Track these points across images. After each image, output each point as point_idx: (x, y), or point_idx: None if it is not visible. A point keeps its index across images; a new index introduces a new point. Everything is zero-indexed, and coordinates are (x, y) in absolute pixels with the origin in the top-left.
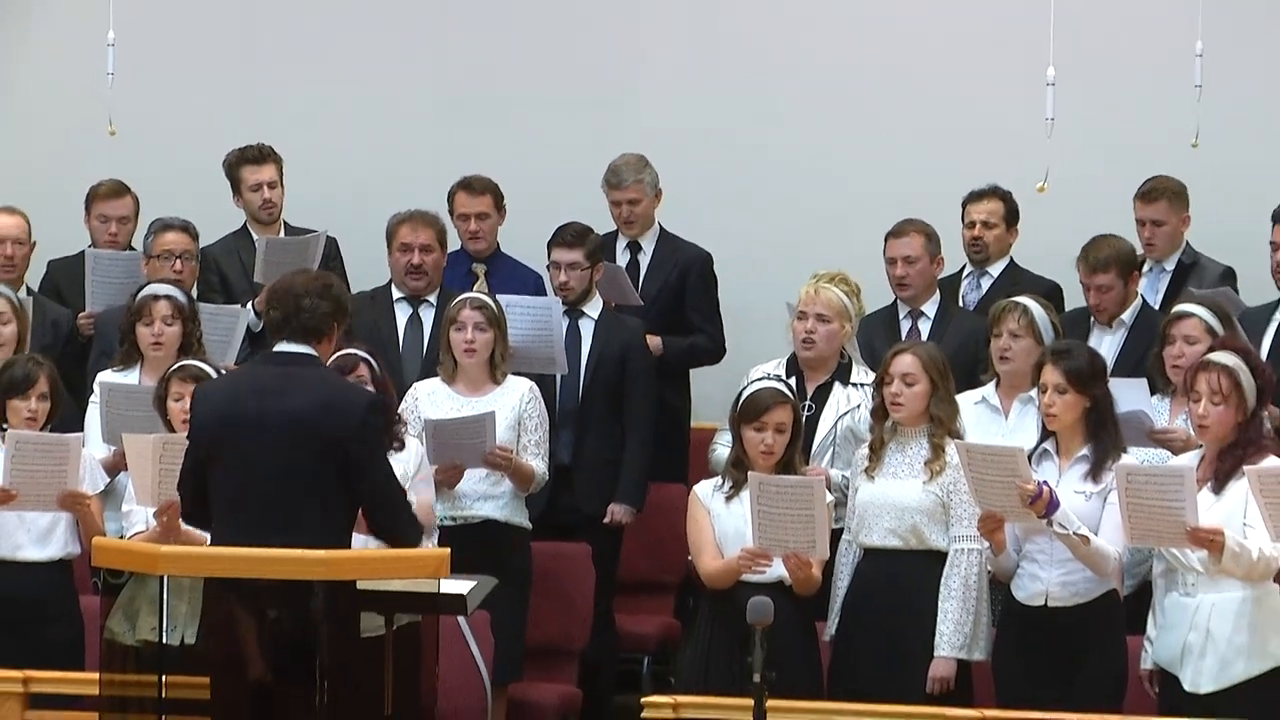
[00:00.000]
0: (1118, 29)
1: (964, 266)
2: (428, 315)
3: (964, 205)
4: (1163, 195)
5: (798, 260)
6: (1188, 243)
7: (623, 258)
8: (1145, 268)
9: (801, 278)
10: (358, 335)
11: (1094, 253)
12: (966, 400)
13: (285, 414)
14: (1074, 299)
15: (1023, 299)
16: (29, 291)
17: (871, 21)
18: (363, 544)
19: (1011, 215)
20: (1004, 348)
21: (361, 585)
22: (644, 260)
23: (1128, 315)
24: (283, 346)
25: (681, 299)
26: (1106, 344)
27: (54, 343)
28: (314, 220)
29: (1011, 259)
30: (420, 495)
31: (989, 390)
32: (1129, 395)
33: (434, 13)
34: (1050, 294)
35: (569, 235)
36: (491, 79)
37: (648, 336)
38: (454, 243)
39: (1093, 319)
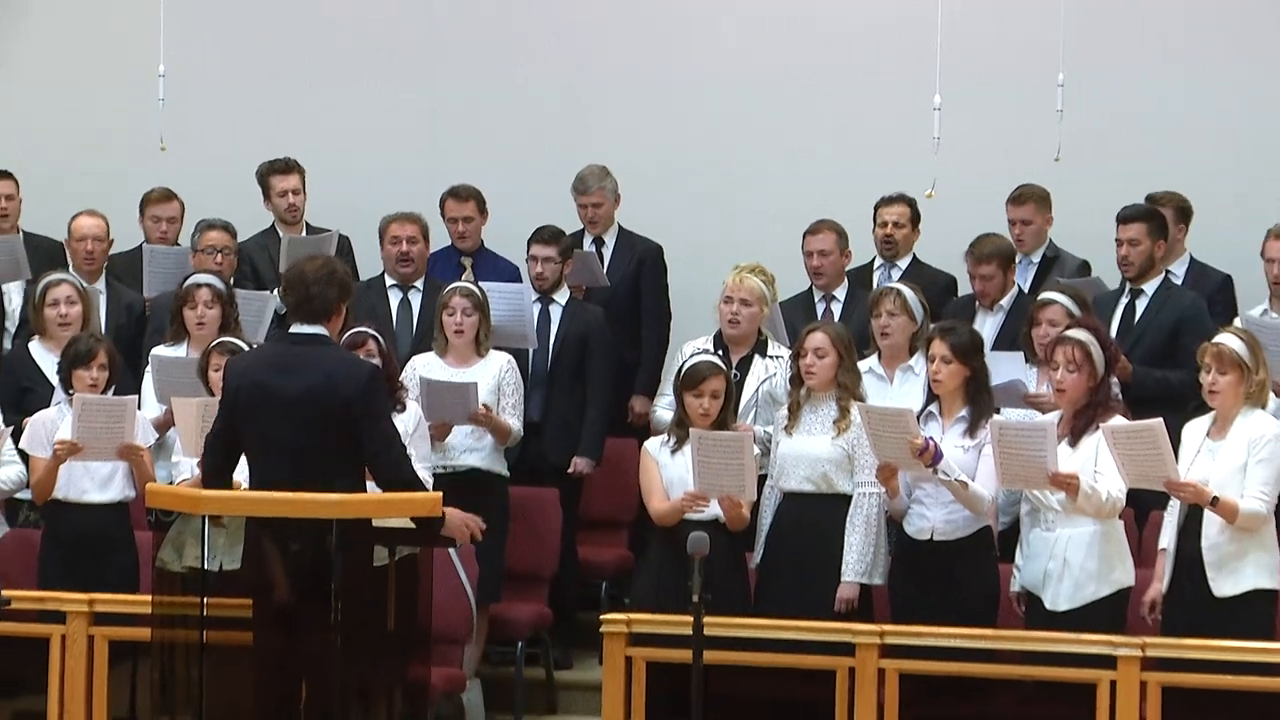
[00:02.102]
0: (993, 63)
1: (874, 259)
2: (415, 299)
3: (876, 209)
4: (1030, 199)
5: (732, 253)
6: (1051, 239)
7: (587, 250)
8: (1016, 259)
9: (728, 268)
10: (359, 317)
11: (979, 248)
12: (860, 369)
13: (302, 385)
14: (966, 288)
15: (895, 284)
16: (107, 281)
17: (795, 59)
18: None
19: (915, 218)
20: (884, 325)
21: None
22: (606, 253)
23: (1006, 301)
24: (297, 328)
25: (638, 284)
26: (989, 325)
27: (127, 322)
28: (330, 221)
29: (915, 255)
30: (419, 449)
31: (874, 361)
32: (1009, 367)
33: (426, 49)
34: (948, 285)
35: (546, 235)
36: (474, 105)
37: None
38: (444, 240)
39: (978, 303)
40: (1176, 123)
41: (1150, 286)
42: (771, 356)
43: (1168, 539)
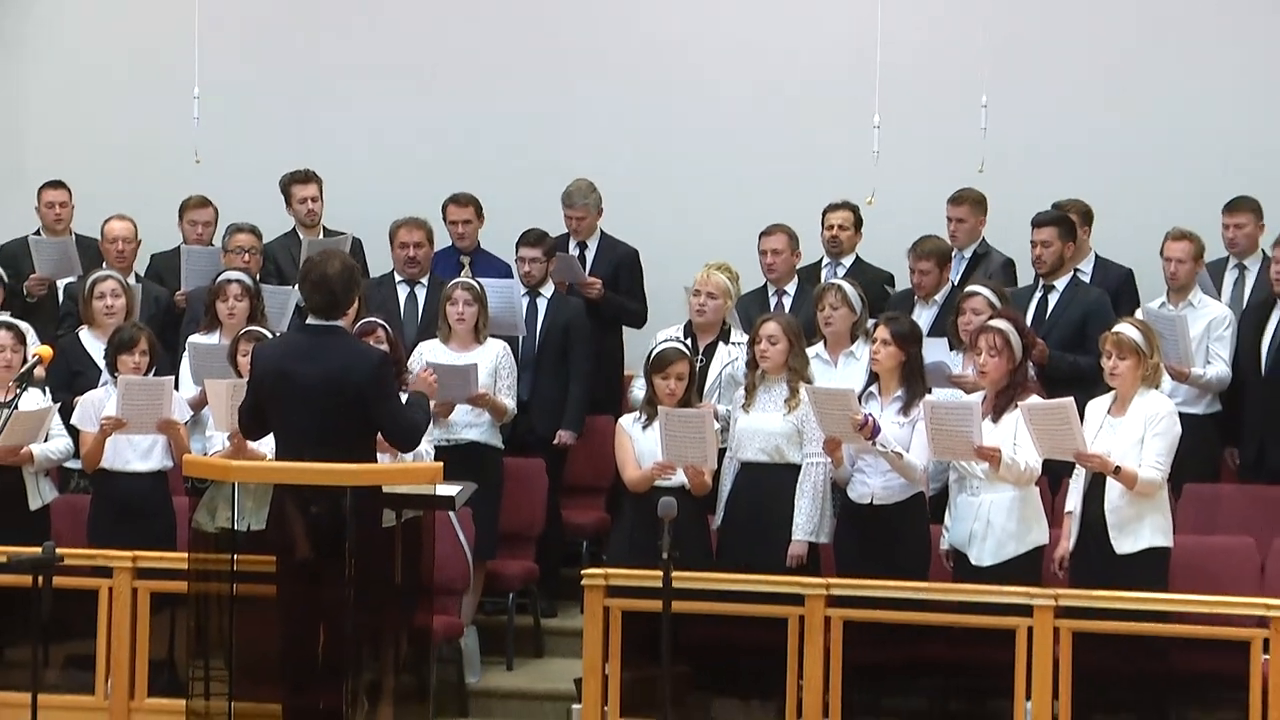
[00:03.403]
0: (924, 88)
1: (821, 258)
2: (421, 294)
3: (823, 214)
4: (966, 201)
5: (698, 251)
6: (984, 238)
7: (573, 253)
8: (952, 258)
9: (698, 266)
10: (371, 309)
11: (920, 246)
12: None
13: (320, 372)
14: (903, 284)
15: (836, 280)
16: (137, 278)
17: (754, 86)
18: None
19: (858, 222)
20: (827, 316)
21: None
22: (589, 256)
23: (940, 295)
24: (315, 320)
25: (617, 284)
26: (925, 316)
27: (157, 313)
28: (345, 225)
29: (858, 255)
30: None
31: (820, 348)
32: (934, 351)
33: (430, 76)
34: (887, 281)
35: (531, 238)
36: (471, 124)
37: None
38: (445, 241)
39: (916, 296)
40: (1084, 138)
41: (1061, 283)
42: (734, 343)
43: (1074, 503)
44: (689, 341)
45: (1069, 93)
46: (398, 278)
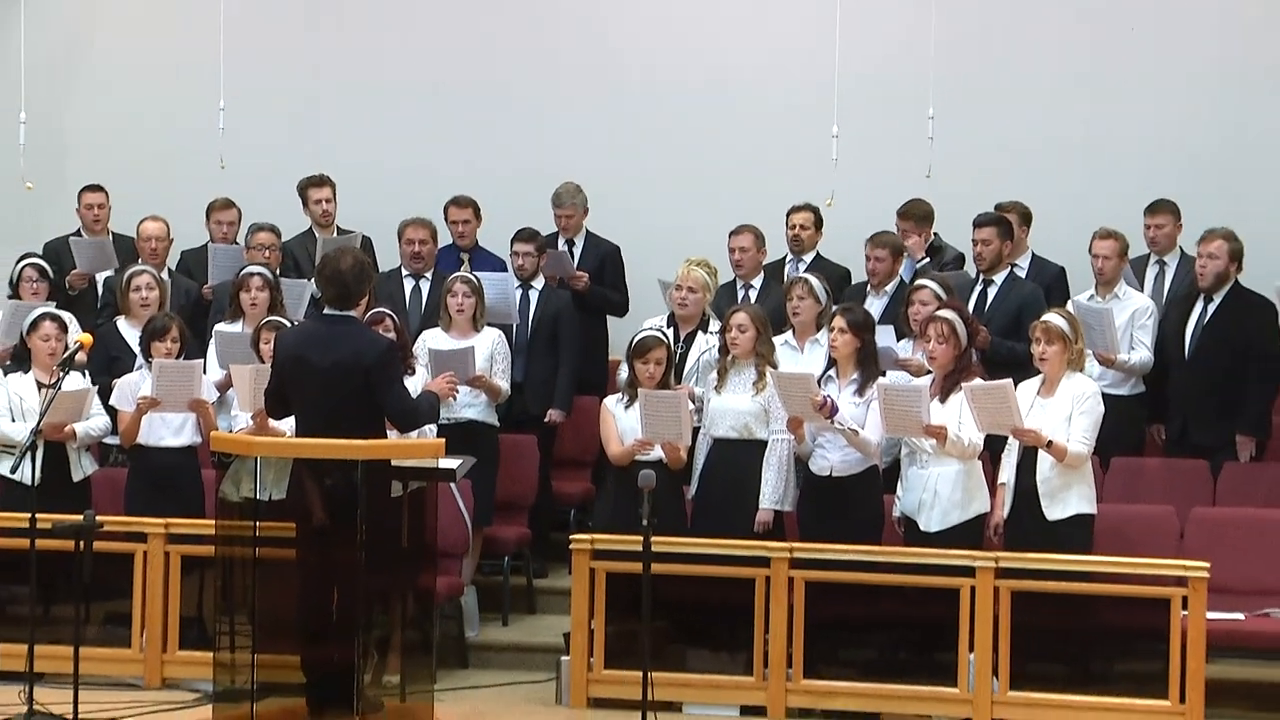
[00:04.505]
0: (878, 102)
1: (785, 255)
2: (425, 286)
3: (787, 215)
4: (910, 216)
5: (676, 249)
6: (936, 234)
7: (562, 249)
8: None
9: (675, 261)
10: (380, 300)
11: (878, 238)
12: (776, 342)
13: (333, 358)
14: (859, 277)
15: (804, 274)
16: (169, 272)
17: (725, 102)
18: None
19: (818, 222)
20: (795, 307)
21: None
22: (577, 252)
23: (890, 287)
24: (330, 311)
25: (602, 277)
26: (877, 305)
27: (186, 304)
28: (355, 224)
29: (818, 252)
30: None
31: (789, 336)
32: (881, 337)
33: (432, 92)
34: (844, 275)
35: (524, 235)
36: (469, 134)
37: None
38: (447, 239)
39: (869, 287)
40: (1022, 146)
41: (999, 277)
42: (712, 332)
43: (1008, 474)
44: (671, 331)
45: (1008, 107)
46: (404, 272)
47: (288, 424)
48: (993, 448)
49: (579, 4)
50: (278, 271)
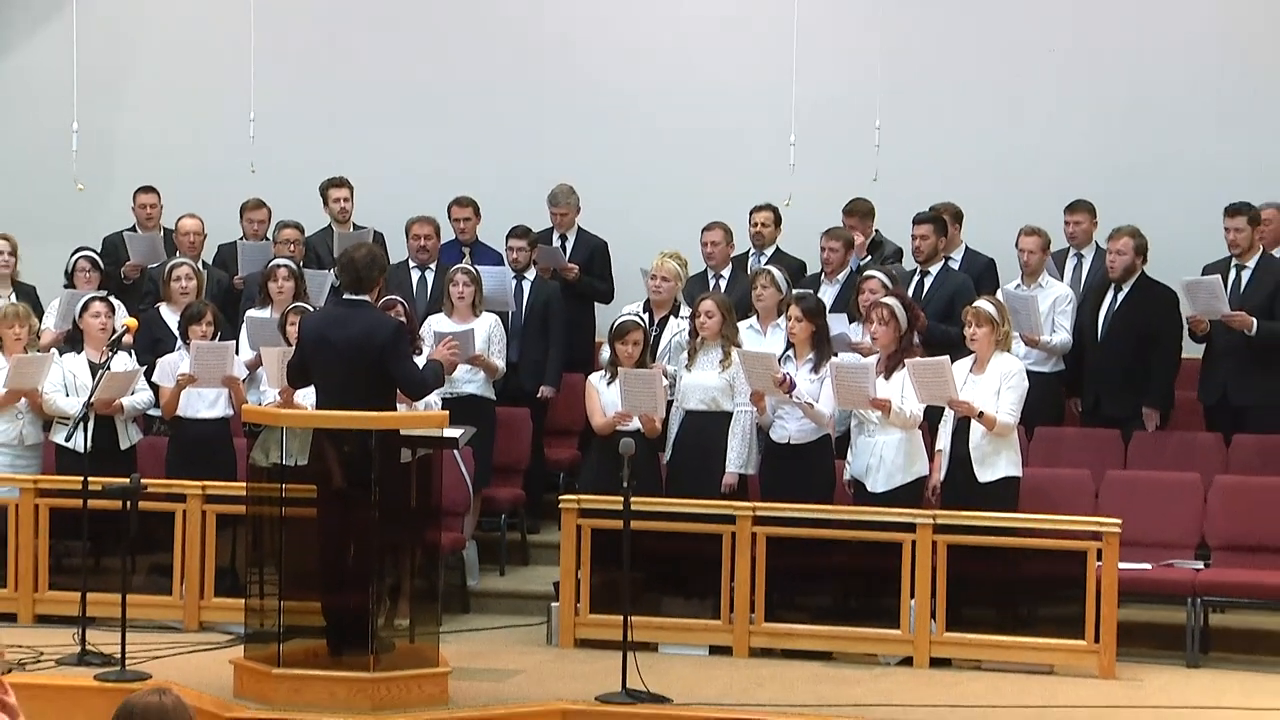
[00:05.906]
0: (830, 112)
1: (749, 249)
2: (430, 277)
3: (750, 214)
4: (855, 213)
5: (654, 243)
6: (877, 230)
7: (555, 244)
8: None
9: (654, 254)
10: (391, 289)
11: (833, 231)
12: (743, 326)
13: (349, 336)
14: (814, 269)
15: (767, 266)
16: (204, 264)
17: (696, 111)
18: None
19: (778, 220)
20: (759, 295)
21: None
22: (569, 246)
23: (842, 276)
24: (347, 296)
25: (590, 268)
26: (830, 292)
27: (219, 293)
28: (370, 221)
29: (778, 246)
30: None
31: (753, 320)
32: (834, 324)
33: (434, 102)
34: (800, 267)
35: (518, 232)
36: (469, 140)
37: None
38: (449, 234)
39: (823, 276)
40: (957, 152)
41: (935, 269)
42: (683, 317)
43: (944, 442)
44: (647, 316)
45: (945, 119)
46: (411, 264)
47: (309, 400)
48: (931, 418)
49: (567, 42)
50: (301, 263)
